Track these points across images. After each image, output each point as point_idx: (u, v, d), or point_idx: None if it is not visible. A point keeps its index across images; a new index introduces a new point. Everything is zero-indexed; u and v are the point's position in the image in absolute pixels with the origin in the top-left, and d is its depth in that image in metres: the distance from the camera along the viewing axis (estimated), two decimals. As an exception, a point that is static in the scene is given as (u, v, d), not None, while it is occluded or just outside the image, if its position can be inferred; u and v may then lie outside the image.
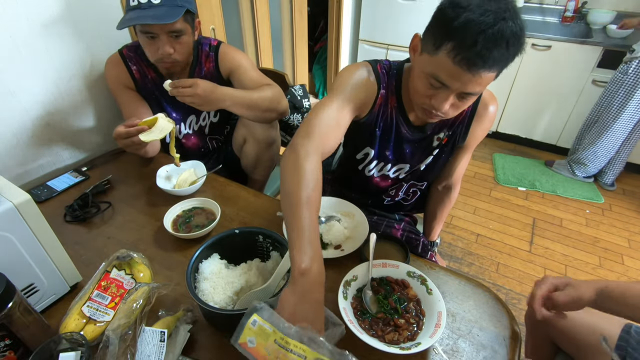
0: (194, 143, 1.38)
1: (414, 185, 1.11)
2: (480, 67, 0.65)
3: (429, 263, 0.92)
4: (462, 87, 0.70)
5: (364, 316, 0.76)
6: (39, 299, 0.76)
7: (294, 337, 0.55)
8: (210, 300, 0.73)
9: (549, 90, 2.61)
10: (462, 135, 0.94)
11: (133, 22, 0.99)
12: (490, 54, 0.63)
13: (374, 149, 0.98)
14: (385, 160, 1.01)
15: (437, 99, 0.74)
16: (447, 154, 0.99)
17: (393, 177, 1.05)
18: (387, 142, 0.97)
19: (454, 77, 0.68)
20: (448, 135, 0.94)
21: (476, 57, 0.64)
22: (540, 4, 2.83)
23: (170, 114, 1.27)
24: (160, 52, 1.07)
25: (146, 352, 0.64)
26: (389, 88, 0.90)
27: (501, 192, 2.50)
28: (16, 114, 1.12)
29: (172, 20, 1.00)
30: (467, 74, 0.67)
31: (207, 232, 0.96)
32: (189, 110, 1.29)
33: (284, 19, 2.44)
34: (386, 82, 0.90)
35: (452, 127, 0.93)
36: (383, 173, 1.04)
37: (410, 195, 1.15)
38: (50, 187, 1.14)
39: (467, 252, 2.05)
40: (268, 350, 0.56)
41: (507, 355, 0.72)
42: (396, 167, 1.03)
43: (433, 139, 0.95)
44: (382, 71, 0.90)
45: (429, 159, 1.00)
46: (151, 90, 1.23)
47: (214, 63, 1.23)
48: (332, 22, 2.82)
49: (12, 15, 1.03)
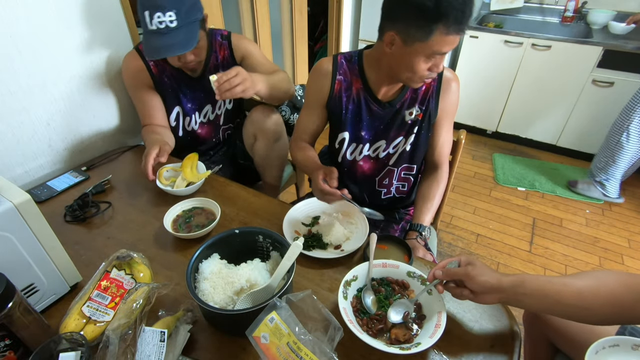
0: (207, 132, 1.42)
1: (405, 169, 1.13)
2: (466, 27, 0.83)
3: (429, 263, 0.92)
4: (452, 48, 0.86)
5: (364, 315, 0.76)
6: (39, 299, 0.76)
7: (307, 344, 0.56)
8: (210, 300, 0.73)
9: (549, 90, 2.60)
10: (435, 109, 1.04)
11: (162, 54, 1.09)
12: (469, 13, 0.80)
13: (348, 132, 1.08)
14: (361, 141, 1.09)
15: (437, 65, 0.89)
16: (426, 131, 1.06)
17: (373, 156, 1.11)
18: (359, 123, 1.06)
19: (451, 44, 0.84)
20: (423, 110, 1.03)
21: (465, 22, 0.81)
22: (540, 4, 2.83)
23: (185, 105, 1.31)
24: (182, 62, 1.16)
25: (146, 352, 0.64)
26: (352, 73, 1.03)
27: (501, 192, 2.50)
28: (16, 113, 1.12)
29: (195, 43, 1.11)
30: (459, 36, 0.84)
31: (207, 232, 0.96)
32: (205, 100, 1.35)
33: (284, 19, 2.44)
34: (345, 69, 1.03)
35: (423, 102, 1.03)
36: (363, 154, 1.11)
37: (405, 182, 1.16)
38: (50, 187, 1.14)
39: (467, 252, 2.05)
40: (280, 351, 0.56)
41: (507, 356, 0.72)
42: (374, 146, 1.09)
43: (405, 114, 1.03)
44: (342, 60, 1.04)
45: (412, 138, 1.05)
46: (169, 84, 1.27)
47: (229, 50, 1.30)
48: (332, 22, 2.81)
49: (12, 15, 1.03)
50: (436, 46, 0.83)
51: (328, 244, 0.96)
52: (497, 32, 2.60)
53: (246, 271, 0.79)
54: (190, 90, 1.30)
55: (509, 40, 2.54)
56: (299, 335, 0.57)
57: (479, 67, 2.75)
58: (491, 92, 2.82)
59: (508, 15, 2.90)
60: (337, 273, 0.88)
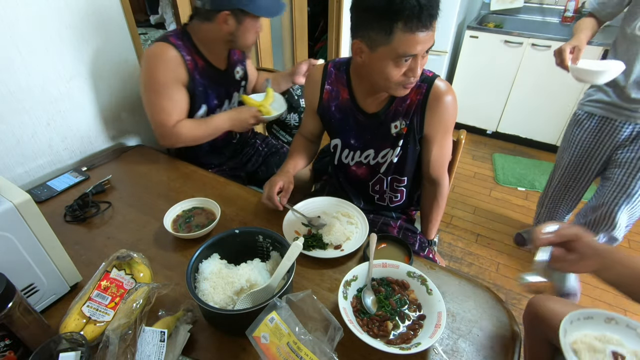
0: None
1: (396, 180, 1.12)
2: (432, 19, 0.77)
3: (429, 263, 0.92)
4: (424, 47, 0.81)
5: (364, 316, 0.76)
6: (39, 299, 0.76)
7: (307, 344, 0.56)
8: (210, 300, 0.73)
9: (549, 90, 2.60)
10: (419, 125, 0.98)
11: (279, 11, 1.15)
12: (429, 5, 0.75)
13: (340, 138, 1.10)
14: (352, 147, 1.09)
15: (412, 70, 0.84)
16: (413, 144, 1.02)
17: (365, 162, 1.10)
18: (348, 132, 1.07)
19: (417, 43, 0.78)
20: (407, 124, 0.99)
21: (426, 17, 0.75)
22: (540, 4, 2.83)
23: (211, 101, 1.29)
24: (257, 34, 1.20)
25: (146, 352, 0.64)
26: (339, 82, 1.03)
27: (501, 192, 2.50)
28: (16, 113, 1.12)
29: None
30: (424, 32, 0.78)
31: (207, 232, 0.96)
32: (225, 95, 1.33)
33: (284, 19, 2.44)
34: (333, 78, 1.03)
35: (407, 116, 0.98)
36: (356, 160, 1.11)
37: (397, 193, 1.16)
38: (50, 187, 1.14)
39: (467, 252, 2.05)
40: (280, 351, 0.56)
41: (507, 356, 0.72)
42: (364, 153, 1.09)
43: (390, 126, 1.01)
44: (332, 69, 1.04)
45: (397, 150, 1.03)
46: (199, 81, 1.21)
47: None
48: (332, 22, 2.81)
49: (12, 15, 1.03)
50: (401, 48, 0.78)
51: (328, 244, 0.95)
52: (497, 32, 2.60)
53: (246, 271, 0.79)
54: (217, 85, 1.27)
55: (509, 40, 2.55)
56: (299, 335, 0.57)
57: (478, 67, 2.75)
58: (491, 92, 2.82)
59: (508, 15, 2.90)
60: (337, 273, 0.88)
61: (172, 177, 1.23)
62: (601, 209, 1.53)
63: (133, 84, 1.41)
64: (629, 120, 1.41)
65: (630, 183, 1.44)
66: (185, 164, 1.30)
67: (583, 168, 1.61)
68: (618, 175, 1.47)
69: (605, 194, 1.51)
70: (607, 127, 1.47)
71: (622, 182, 1.46)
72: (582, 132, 1.55)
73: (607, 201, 1.50)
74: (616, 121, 1.44)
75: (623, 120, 1.42)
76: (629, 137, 1.44)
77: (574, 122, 1.59)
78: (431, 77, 0.94)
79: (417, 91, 0.95)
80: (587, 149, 1.56)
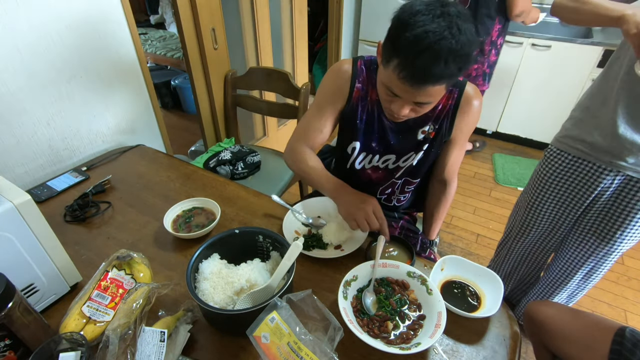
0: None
1: (408, 182, 1.11)
2: (422, 83, 0.71)
3: (430, 263, 0.92)
4: (412, 98, 0.76)
5: (364, 316, 0.76)
6: (39, 299, 0.76)
7: (308, 344, 0.56)
8: (210, 300, 0.73)
9: (549, 90, 2.60)
10: (448, 129, 0.97)
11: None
12: (429, 71, 0.69)
13: (359, 142, 1.03)
14: (372, 151, 1.04)
15: (395, 106, 0.81)
16: (437, 149, 1.01)
17: (382, 167, 1.07)
18: (371, 134, 1.01)
19: (402, 90, 0.75)
20: (435, 129, 0.96)
21: (417, 75, 0.70)
22: (541, 4, 2.82)
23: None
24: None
25: (146, 352, 0.64)
26: (369, 82, 0.96)
27: (501, 192, 2.50)
28: (16, 113, 1.12)
29: None
30: (411, 89, 0.73)
31: (207, 232, 0.96)
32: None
33: (284, 19, 2.44)
34: (364, 77, 0.96)
35: (437, 121, 0.96)
36: (372, 165, 1.07)
37: (406, 194, 1.15)
38: (50, 187, 1.14)
39: (467, 252, 2.05)
40: (280, 350, 0.56)
41: (507, 356, 0.72)
42: (383, 157, 1.05)
43: (417, 132, 0.97)
44: (362, 67, 0.96)
45: (420, 154, 1.01)
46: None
47: None
48: (332, 22, 2.82)
49: (12, 17, 1.03)
50: (387, 79, 0.76)
51: (328, 244, 0.95)
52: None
53: (246, 271, 0.79)
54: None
55: (509, 40, 2.54)
56: (299, 335, 0.57)
57: (479, 67, 2.75)
58: (491, 92, 2.82)
59: (508, 15, 2.89)
60: (337, 273, 0.88)
61: (172, 177, 1.23)
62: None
63: (133, 84, 1.41)
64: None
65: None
66: (185, 164, 1.30)
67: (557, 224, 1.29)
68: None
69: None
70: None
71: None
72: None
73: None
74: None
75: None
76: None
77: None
78: (461, 81, 0.92)
79: (448, 96, 0.92)
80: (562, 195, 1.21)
